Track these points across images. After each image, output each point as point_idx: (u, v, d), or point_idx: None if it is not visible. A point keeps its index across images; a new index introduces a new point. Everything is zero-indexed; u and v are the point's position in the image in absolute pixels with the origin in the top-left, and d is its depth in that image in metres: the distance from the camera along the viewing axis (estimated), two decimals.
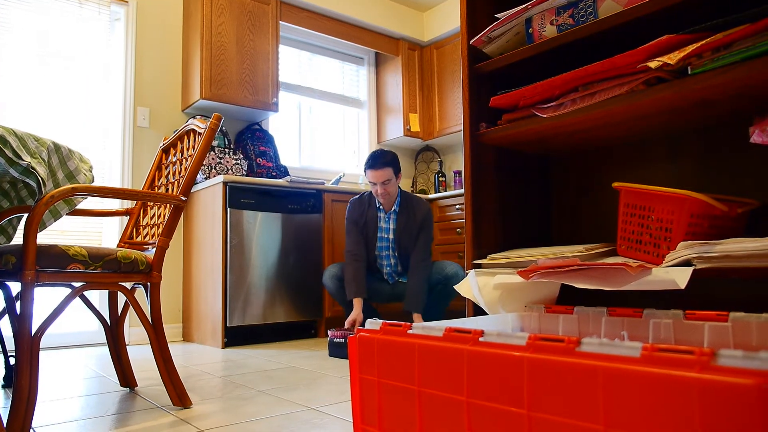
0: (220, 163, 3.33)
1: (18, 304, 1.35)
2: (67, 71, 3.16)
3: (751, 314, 0.86)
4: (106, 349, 2.97)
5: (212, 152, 3.33)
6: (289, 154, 4.11)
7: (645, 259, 1.08)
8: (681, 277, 0.92)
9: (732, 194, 1.21)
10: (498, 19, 1.31)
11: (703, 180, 1.26)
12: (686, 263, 0.97)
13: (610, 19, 1.09)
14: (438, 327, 0.71)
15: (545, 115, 1.20)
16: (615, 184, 1.14)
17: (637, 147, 1.38)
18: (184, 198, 1.66)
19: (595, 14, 1.13)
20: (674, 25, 1.10)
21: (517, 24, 1.28)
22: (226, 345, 2.97)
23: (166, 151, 2.05)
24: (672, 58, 0.97)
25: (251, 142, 3.65)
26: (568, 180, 1.53)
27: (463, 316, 3.62)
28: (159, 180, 2.01)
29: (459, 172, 4.43)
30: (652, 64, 0.99)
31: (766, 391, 0.43)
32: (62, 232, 3.09)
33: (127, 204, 3.18)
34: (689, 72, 0.99)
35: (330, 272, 2.95)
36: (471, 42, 1.37)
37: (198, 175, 3.13)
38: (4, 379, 1.93)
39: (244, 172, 3.42)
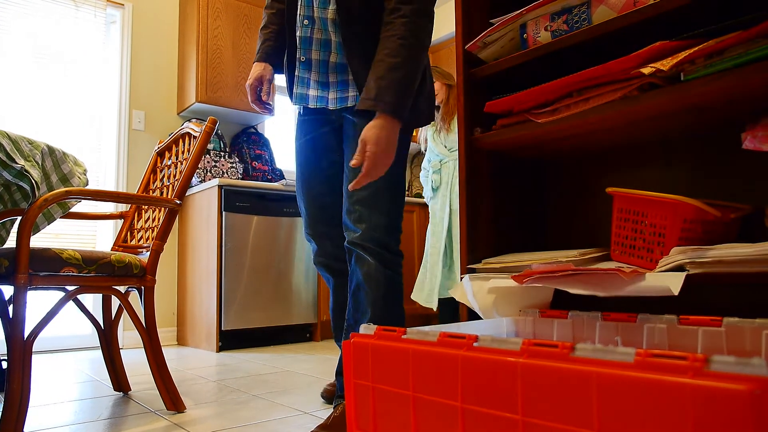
0: (215, 166, 3.33)
1: (11, 308, 1.35)
2: (63, 74, 3.16)
3: (745, 319, 0.86)
4: (99, 353, 2.95)
5: (208, 155, 3.33)
6: (284, 158, 4.11)
7: (639, 264, 1.09)
8: (674, 283, 0.93)
9: (725, 199, 1.21)
10: (493, 24, 1.31)
11: (696, 185, 1.27)
12: (679, 268, 0.97)
13: (604, 25, 1.10)
14: (432, 332, 0.71)
15: (540, 121, 1.21)
16: (609, 189, 1.15)
17: (630, 152, 1.39)
18: (178, 201, 1.66)
19: (589, 20, 1.14)
20: (668, 32, 1.11)
21: (512, 29, 1.28)
22: (220, 349, 2.96)
23: (161, 154, 2.05)
24: (665, 65, 0.97)
25: (247, 145, 3.65)
26: (562, 184, 1.53)
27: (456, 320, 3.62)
28: (154, 183, 2.00)
29: None
30: (646, 71, 0.99)
31: (758, 397, 0.43)
32: (56, 236, 3.08)
33: (122, 207, 3.17)
34: (682, 78, 0.99)
35: None
36: (466, 47, 1.37)
37: (193, 179, 3.13)
38: None
39: (239, 176, 3.42)
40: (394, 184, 1.39)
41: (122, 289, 1.73)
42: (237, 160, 3.47)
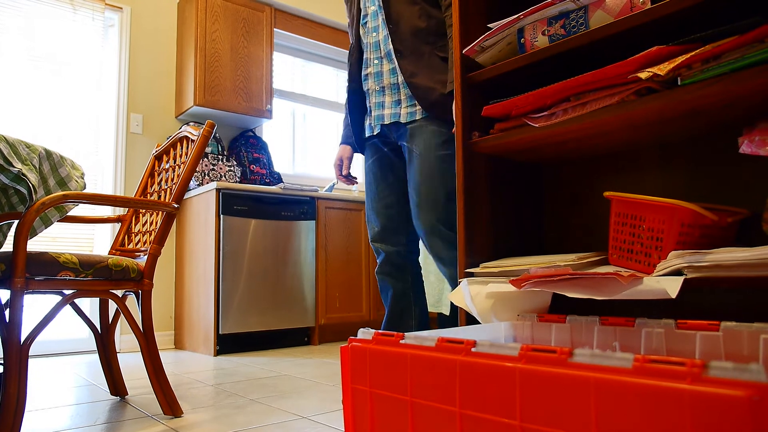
0: (213, 169, 3.33)
1: (7, 312, 1.34)
2: (60, 77, 3.15)
3: (742, 323, 0.87)
4: (96, 357, 2.94)
5: (205, 159, 3.33)
6: (282, 161, 4.11)
7: (636, 268, 1.09)
8: (672, 287, 0.93)
9: (722, 203, 1.22)
10: (490, 29, 1.31)
11: (693, 189, 1.27)
12: (677, 272, 0.97)
13: (601, 30, 1.10)
14: (431, 337, 0.71)
15: (537, 125, 1.21)
16: (606, 194, 1.15)
17: (628, 156, 1.39)
18: (176, 205, 1.66)
19: (587, 25, 1.14)
20: (665, 36, 1.11)
21: (510, 34, 1.29)
22: (218, 353, 2.95)
23: (158, 157, 2.04)
24: (662, 69, 0.98)
25: (245, 148, 3.65)
26: (559, 188, 1.53)
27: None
28: (151, 187, 2.00)
29: None
30: (643, 75, 1.00)
31: (756, 403, 0.43)
32: (53, 239, 3.07)
33: (119, 211, 3.17)
34: (679, 83, 0.99)
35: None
36: (464, 51, 1.37)
37: (191, 182, 3.12)
38: None
39: (237, 179, 3.41)
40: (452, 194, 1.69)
41: (119, 293, 1.72)
42: (235, 163, 3.47)
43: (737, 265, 0.90)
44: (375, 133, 1.80)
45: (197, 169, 3.24)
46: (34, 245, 2.96)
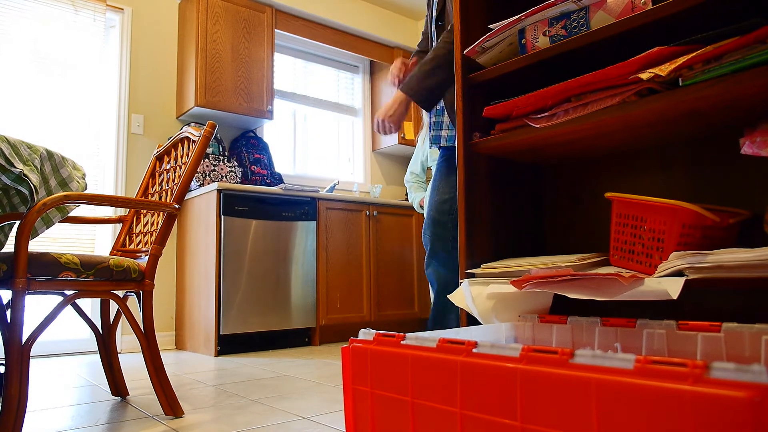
0: (214, 170, 3.33)
1: (9, 312, 1.34)
2: (62, 78, 3.16)
3: (744, 325, 0.86)
4: (97, 358, 2.94)
5: (206, 159, 3.33)
6: (283, 162, 4.12)
7: (637, 269, 1.09)
8: (673, 288, 0.92)
9: (723, 204, 1.21)
10: (491, 29, 1.31)
11: (694, 190, 1.27)
12: (678, 273, 0.97)
13: (602, 30, 1.10)
14: (431, 338, 0.71)
15: (538, 125, 1.21)
16: (607, 194, 1.15)
17: (629, 157, 1.39)
18: (177, 206, 1.66)
19: (588, 26, 1.14)
20: (665, 37, 1.11)
21: (510, 35, 1.29)
22: (219, 353, 2.96)
23: (160, 158, 2.05)
24: (663, 70, 0.97)
25: (246, 149, 3.65)
26: (561, 189, 1.53)
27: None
28: (153, 187, 2.00)
29: None
30: (644, 76, 0.99)
31: (758, 404, 0.43)
32: (54, 239, 3.07)
33: (120, 211, 3.17)
34: (680, 83, 0.99)
35: None
36: (464, 52, 1.37)
37: (192, 183, 3.13)
38: None
39: (238, 180, 3.42)
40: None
41: (120, 293, 1.72)
42: (236, 164, 3.47)
43: (739, 266, 0.90)
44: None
45: (198, 170, 3.24)
46: (35, 246, 2.96)
